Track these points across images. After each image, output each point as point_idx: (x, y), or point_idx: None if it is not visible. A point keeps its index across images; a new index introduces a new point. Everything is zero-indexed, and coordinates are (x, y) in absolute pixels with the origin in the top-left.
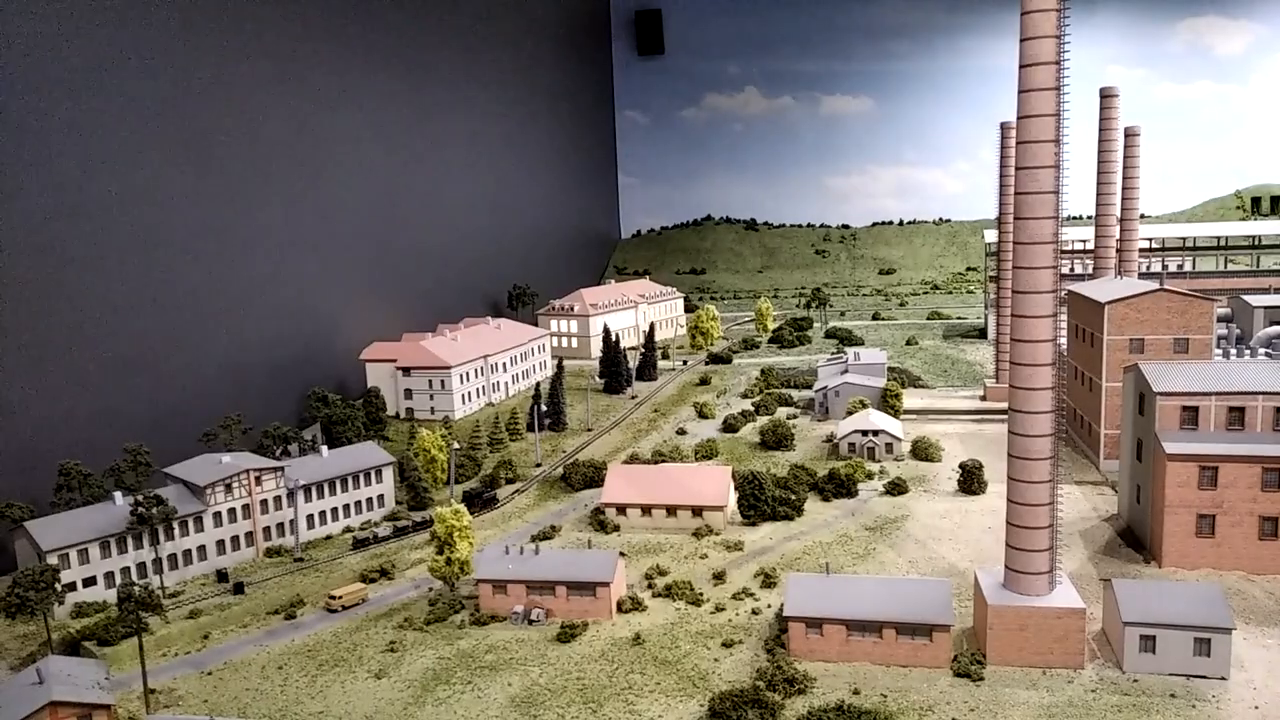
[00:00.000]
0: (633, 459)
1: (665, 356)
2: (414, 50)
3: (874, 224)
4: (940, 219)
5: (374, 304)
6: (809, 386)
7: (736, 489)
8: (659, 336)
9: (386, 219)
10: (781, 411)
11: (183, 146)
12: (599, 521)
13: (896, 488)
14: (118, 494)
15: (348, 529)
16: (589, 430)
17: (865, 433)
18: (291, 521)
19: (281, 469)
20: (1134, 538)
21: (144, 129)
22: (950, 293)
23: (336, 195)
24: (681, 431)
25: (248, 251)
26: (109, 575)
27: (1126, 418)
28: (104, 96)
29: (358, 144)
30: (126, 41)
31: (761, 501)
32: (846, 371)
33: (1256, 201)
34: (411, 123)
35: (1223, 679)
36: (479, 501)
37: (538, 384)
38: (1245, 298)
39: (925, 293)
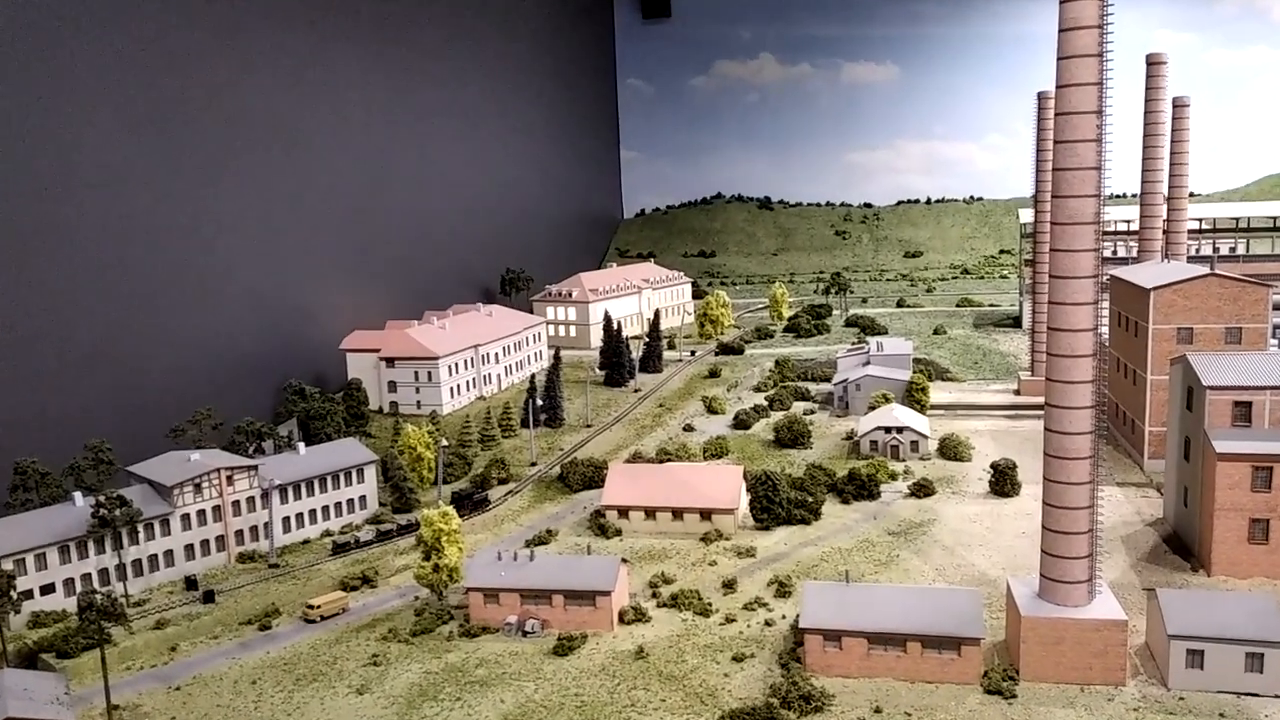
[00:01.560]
0: (636, 458)
1: (671, 346)
2: (397, 14)
3: (899, 203)
4: (971, 197)
5: (355, 289)
6: (827, 379)
7: (748, 490)
8: (664, 325)
9: (369, 197)
10: (798, 407)
11: (146, 120)
12: (599, 525)
13: (922, 489)
14: (78, 494)
15: (327, 533)
16: (588, 426)
17: (889, 430)
18: (266, 524)
19: (255, 468)
20: (1181, 544)
21: (102, 101)
22: (982, 278)
23: (314, 172)
24: (689, 428)
25: (218, 233)
26: (68, 582)
27: (1173, 414)
28: (58, 65)
29: (338, 117)
30: (82, 6)
31: (776, 504)
32: (868, 363)
33: None
34: (395, 93)
35: (1277, 697)
36: (469, 503)
37: (533, 376)
38: None
39: (954, 278)
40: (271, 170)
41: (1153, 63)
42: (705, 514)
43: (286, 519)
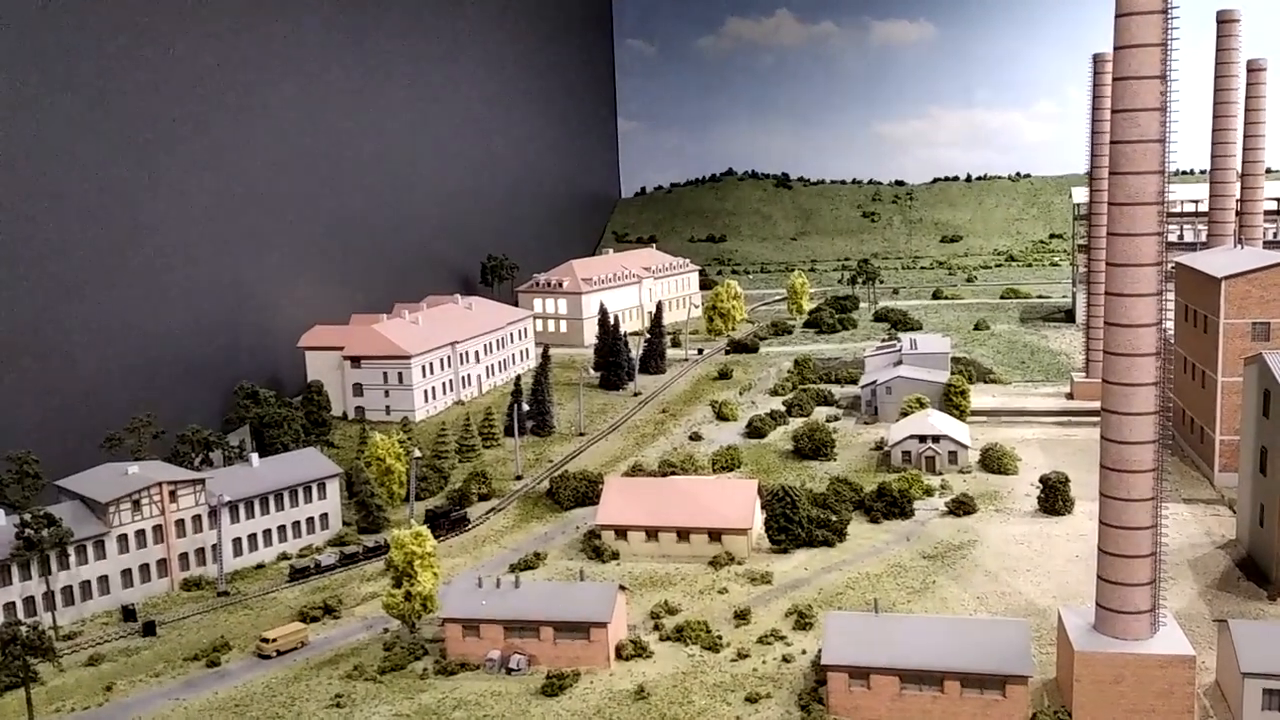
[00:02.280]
0: (635, 470)
1: (676, 344)
2: None
3: (935, 180)
4: (1017, 174)
5: (316, 279)
6: (854, 381)
7: (764, 508)
8: (668, 319)
9: (332, 175)
10: (820, 412)
11: (77, 90)
12: (594, 547)
13: (962, 506)
14: (0, 512)
15: (284, 556)
16: (581, 435)
17: (923, 439)
18: (214, 546)
19: (202, 482)
20: (1256, 569)
21: (24, 66)
22: (1029, 265)
23: (270, 146)
24: (696, 437)
25: (160, 213)
26: None
27: (1248, 421)
28: None
29: (297, 84)
30: None
31: (795, 523)
32: (900, 363)
33: None
34: (361, 58)
35: None
36: (446, 522)
37: (518, 378)
38: None
39: (998, 265)
40: (221, 143)
41: (1224, 20)
42: (714, 535)
43: (238, 540)
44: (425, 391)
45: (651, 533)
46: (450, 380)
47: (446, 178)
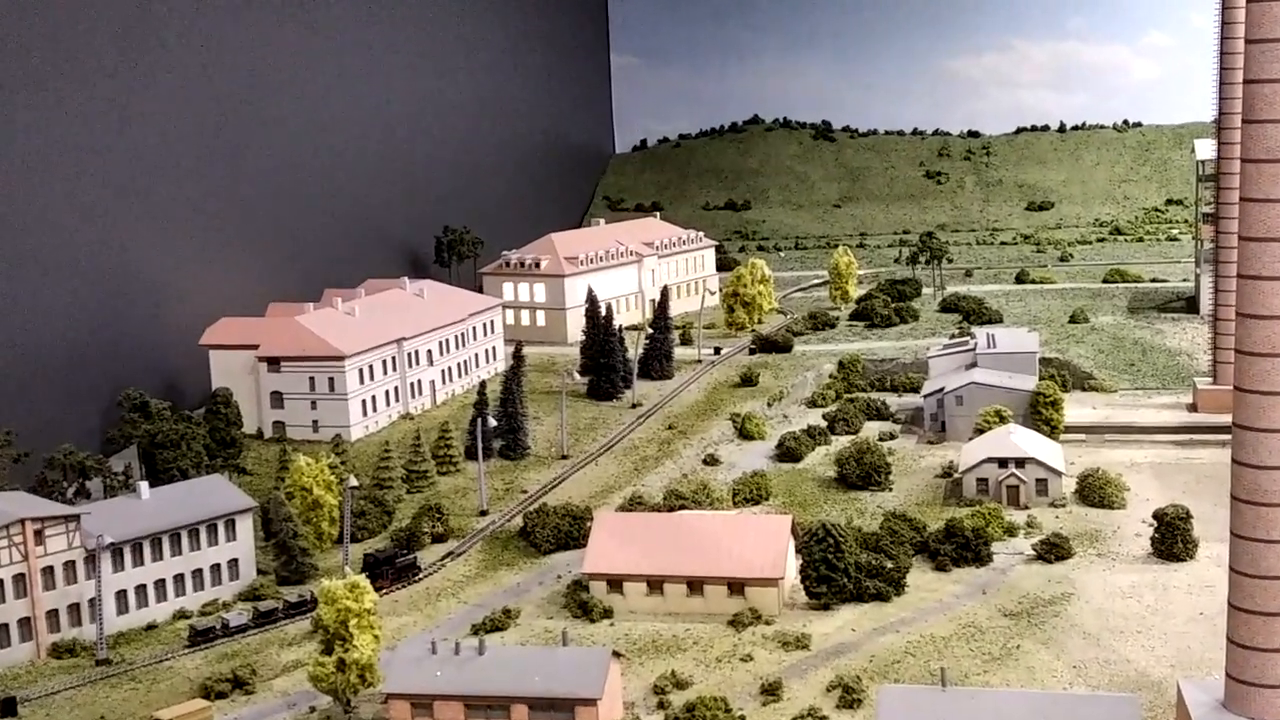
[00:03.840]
0: (634, 504)
1: (686, 341)
2: None
3: (1019, 131)
4: (1124, 123)
5: (224, 259)
6: (915, 389)
7: (799, 551)
8: (675, 309)
9: (244, 127)
10: (871, 429)
11: None
12: (580, 602)
13: (1053, 550)
14: None
15: (182, 614)
16: (564, 458)
17: (1004, 463)
18: (93, 601)
19: (77, 518)
20: None
21: None
22: (1141, 239)
23: (163, 90)
24: (712, 460)
25: (17, 175)
26: None
27: None
28: None
29: (199, 16)
30: None
31: (839, 571)
32: (974, 365)
33: None
34: None
35: None
36: (390, 570)
37: (483, 384)
38: None
39: (1100, 240)
40: (100, 88)
41: None
42: (735, 586)
43: (123, 593)
44: (363, 402)
45: (655, 583)
46: (396, 387)
47: (391, 130)
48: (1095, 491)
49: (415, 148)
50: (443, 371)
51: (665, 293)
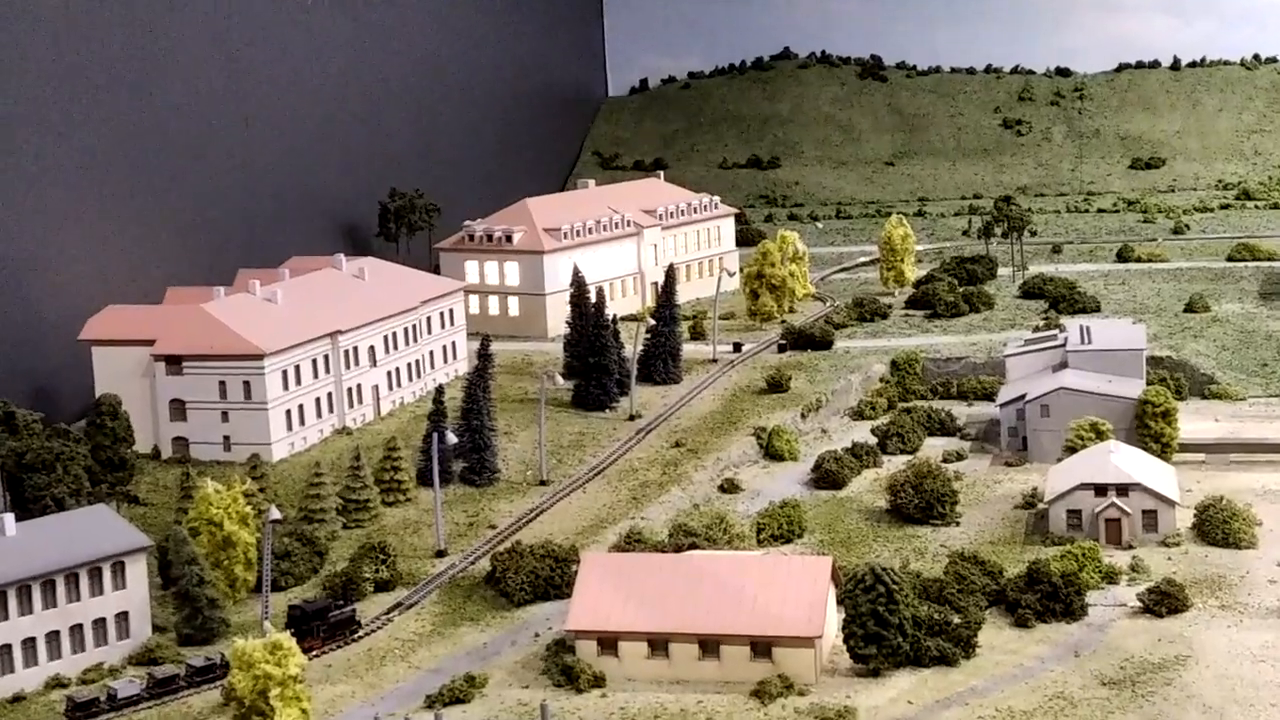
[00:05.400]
0: (632, 542)
1: (698, 335)
2: None
3: (1121, 68)
4: (1255, 58)
5: (109, 234)
6: (988, 396)
7: (842, 603)
8: (685, 295)
9: (134, 76)
10: (933, 447)
11: None
12: (564, 667)
13: (1166, 601)
14: None
15: (57, 681)
16: (543, 484)
17: (1103, 490)
18: None
19: None
20: None
21: None
22: (1276, 206)
23: (28, 33)
24: (730, 486)
25: None
26: None
27: None
28: None
29: None
30: None
31: (892, 628)
32: (1064, 366)
33: None
34: None
35: None
36: (322, 626)
37: (440, 390)
38: None
39: (1224, 206)
40: None
41: None
42: (761, 646)
43: None
44: (288, 413)
45: (658, 643)
46: (329, 394)
47: (324, 70)
48: (1218, 526)
49: (352, 91)
50: (389, 374)
51: (671, 274)
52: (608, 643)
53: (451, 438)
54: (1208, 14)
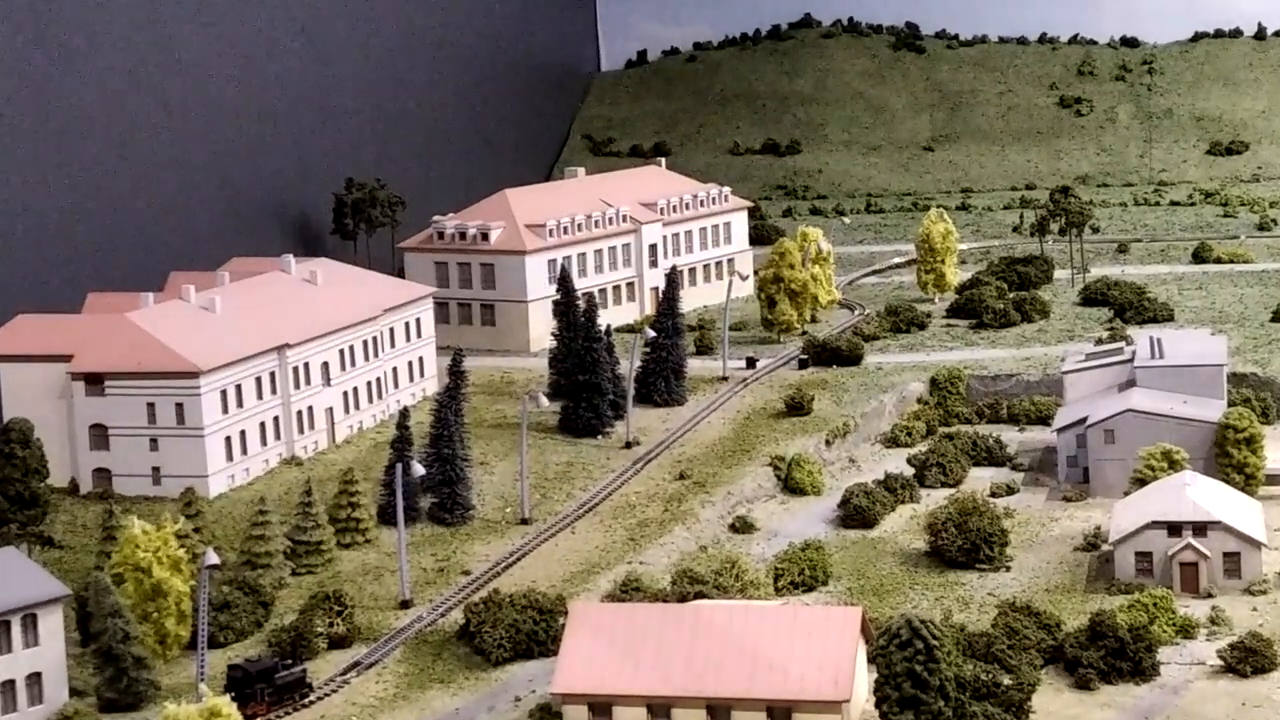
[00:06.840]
0: (628, 590)
1: (706, 348)
2: None
3: (1196, 38)
4: None
5: (19, 231)
6: (1044, 420)
7: (873, 661)
8: (690, 303)
9: (48, 52)
10: (979, 478)
11: None
12: None
13: (1251, 658)
14: None
15: None
16: (525, 523)
17: (1177, 529)
18: None
19: None
20: None
21: None
22: None
23: None
24: (741, 525)
25: None
26: None
27: None
28: None
29: None
30: None
31: (932, 690)
32: (1132, 384)
33: None
34: None
35: None
36: (268, 690)
37: (404, 413)
38: None
39: None
40: None
41: None
42: (780, 711)
43: None
44: (228, 440)
45: (659, 708)
46: (276, 418)
47: (272, 45)
48: None
49: (305, 68)
50: (345, 394)
51: (674, 277)
52: (600, 708)
53: (418, 469)
54: None
